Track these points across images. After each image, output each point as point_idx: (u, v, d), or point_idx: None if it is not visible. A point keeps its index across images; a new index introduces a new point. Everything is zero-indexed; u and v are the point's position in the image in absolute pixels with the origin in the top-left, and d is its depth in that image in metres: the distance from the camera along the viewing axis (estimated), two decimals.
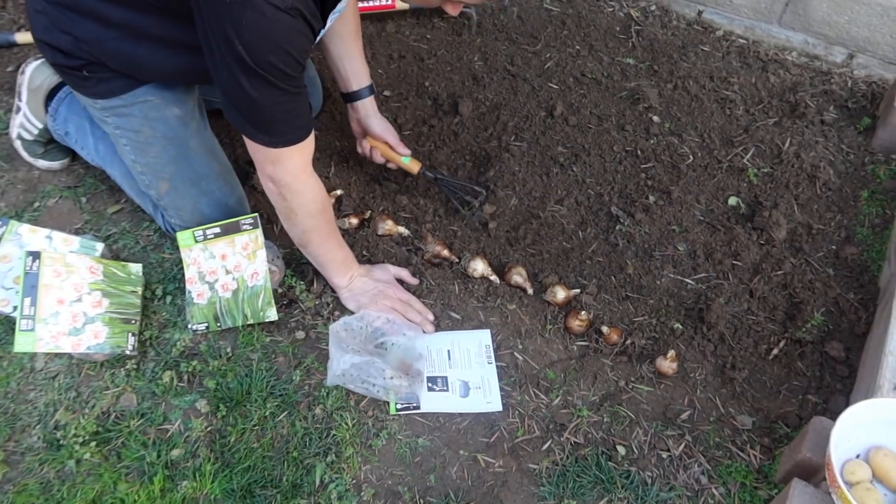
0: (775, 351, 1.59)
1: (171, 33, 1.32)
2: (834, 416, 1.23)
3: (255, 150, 1.34)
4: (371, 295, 1.56)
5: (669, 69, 2.16)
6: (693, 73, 2.14)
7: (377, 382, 1.43)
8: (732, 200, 1.86)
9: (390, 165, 1.80)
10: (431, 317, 1.59)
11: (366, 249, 1.70)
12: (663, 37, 2.25)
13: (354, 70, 1.68)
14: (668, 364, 1.52)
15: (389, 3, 2.20)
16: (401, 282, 1.63)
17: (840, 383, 1.54)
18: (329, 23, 1.29)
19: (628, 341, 1.58)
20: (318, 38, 1.28)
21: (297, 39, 1.18)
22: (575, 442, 1.44)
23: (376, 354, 1.47)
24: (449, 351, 1.55)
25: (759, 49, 2.23)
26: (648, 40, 2.23)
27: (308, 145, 1.36)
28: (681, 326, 1.62)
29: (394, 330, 1.52)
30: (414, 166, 1.77)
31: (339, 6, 1.28)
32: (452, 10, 1.25)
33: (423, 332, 1.56)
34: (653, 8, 2.33)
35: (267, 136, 1.29)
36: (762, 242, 1.76)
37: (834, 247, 1.77)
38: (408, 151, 1.77)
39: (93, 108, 1.51)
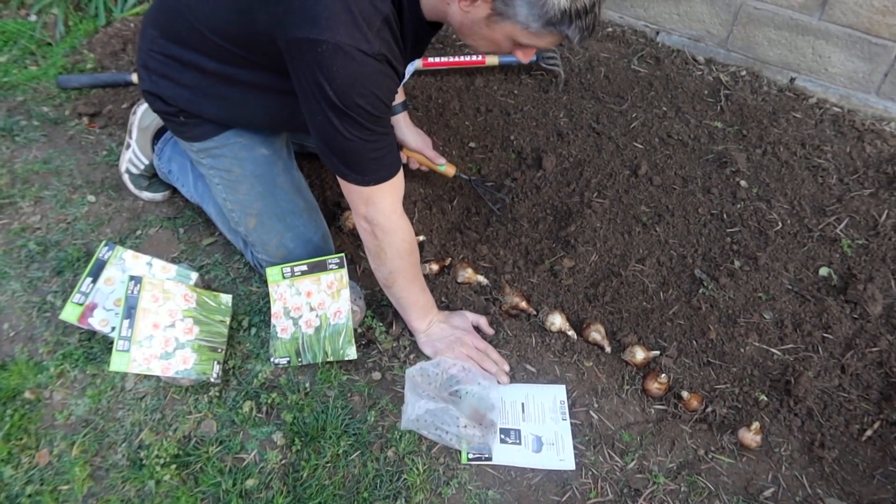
0: (869, 432, 1.50)
1: (261, 80, 1.42)
2: None
3: (350, 190, 1.40)
4: (448, 341, 1.57)
5: (759, 134, 2.13)
6: (784, 139, 2.11)
7: (450, 430, 1.43)
8: (824, 271, 1.79)
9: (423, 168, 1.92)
10: (507, 368, 1.58)
11: (444, 296, 1.72)
12: (753, 102, 2.23)
13: None
14: (751, 436, 1.46)
15: (480, 59, 2.27)
16: (478, 330, 1.64)
17: None
18: (409, 71, 1.38)
19: (709, 409, 1.53)
20: (402, 82, 1.36)
21: (384, 83, 1.27)
22: None
23: (450, 402, 1.47)
24: (523, 404, 1.54)
25: (854, 118, 2.18)
26: (738, 105, 2.22)
27: (398, 185, 1.42)
28: (766, 398, 1.55)
29: (468, 378, 1.51)
30: (450, 171, 1.92)
31: (411, 67, 1.38)
32: (524, 57, 1.31)
33: (498, 382, 1.55)
34: (743, 73, 2.32)
35: (359, 175, 1.36)
36: (855, 317, 1.69)
37: None
38: (443, 160, 1.90)
39: (190, 150, 1.63)
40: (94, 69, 2.32)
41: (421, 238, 1.83)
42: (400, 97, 1.81)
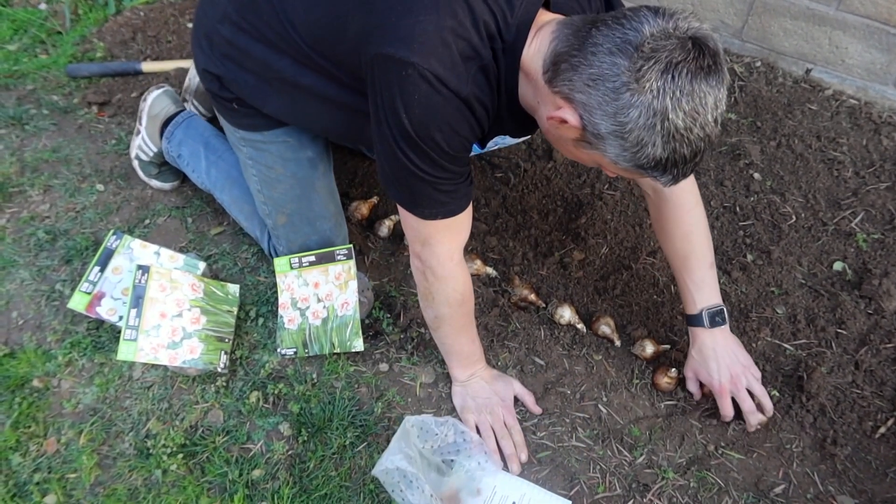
0: (882, 429, 1.48)
1: (335, 94, 1.32)
2: None
3: (408, 225, 1.30)
4: (479, 403, 1.46)
5: (773, 126, 2.10)
6: (799, 131, 2.08)
7: (413, 501, 1.30)
8: (838, 265, 1.77)
9: None
10: (525, 457, 1.43)
11: None
12: (768, 93, 2.19)
13: None
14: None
15: None
16: (517, 403, 1.51)
17: None
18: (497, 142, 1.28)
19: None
20: (484, 149, 1.25)
21: (464, 126, 1.16)
22: None
23: (433, 469, 1.38)
24: (514, 503, 1.38)
25: (871, 111, 2.14)
26: (752, 96, 2.18)
27: (461, 228, 1.31)
28: (777, 393, 1.53)
29: (470, 450, 1.41)
30: None
31: (503, 140, 1.26)
32: (610, 174, 1.21)
33: (505, 468, 1.42)
34: (758, 64, 2.28)
35: (419, 209, 1.25)
36: (870, 312, 1.66)
37: None
38: None
39: (233, 134, 1.56)
40: (104, 58, 2.32)
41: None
42: None
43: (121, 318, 1.57)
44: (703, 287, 1.46)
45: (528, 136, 1.58)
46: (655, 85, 0.97)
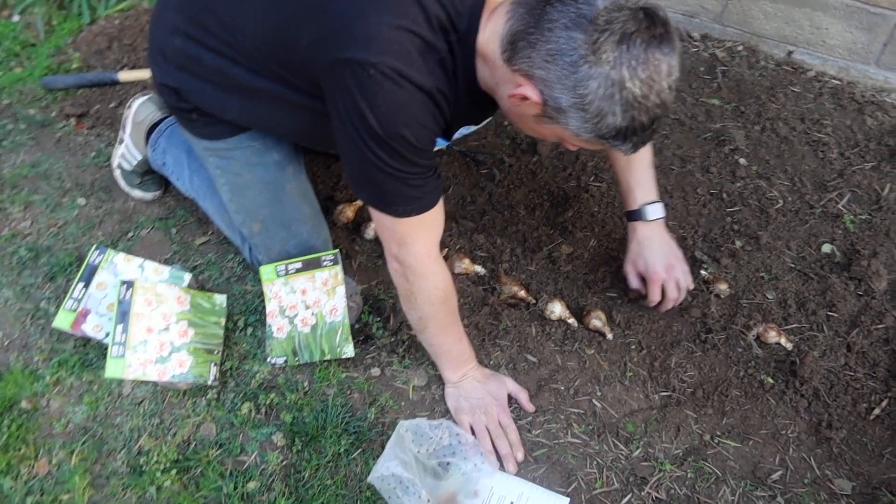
0: (877, 410, 1.48)
1: (293, 98, 1.31)
2: None
3: (382, 226, 1.32)
4: (472, 403, 1.45)
5: (757, 110, 2.09)
6: (782, 114, 2.07)
7: None
8: (826, 248, 1.77)
9: None
10: (521, 456, 1.42)
11: None
12: (750, 77, 2.19)
13: None
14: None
15: None
16: (512, 401, 1.50)
17: None
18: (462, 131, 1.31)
19: (715, 393, 1.51)
20: (451, 141, 1.27)
21: (430, 118, 1.18)
22: (657, 497, 1.38)
23: (429, 474, 1.36)
24: (512, 502, 1.36)
25: (854, 90, 2.14)
26: (735, 81, 2.18)
27: (435, 224, 1.33)
28: (771, 380, 1.53)
29: (465, 452, 1.39)
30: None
31: (466, 129, 1.29)
32: (571, 148, 1.24)
33: (502, 468, 1.41)
34: (739, 48, 2.28)
35: (392, 207, 1.26)
36: (860, 293, 1.66)
37: None
38: None
39: (197, 146, 1.57)
40: (80, 68, 2.29)
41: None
42: None
43: (107, 334, 1.55)
44: (643, 184, 1.56)
45: (489, 119, 1.66)
46: (612, 56, 1.00)
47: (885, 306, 1.64)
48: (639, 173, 1.56)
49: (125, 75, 2.20)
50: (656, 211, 1.56)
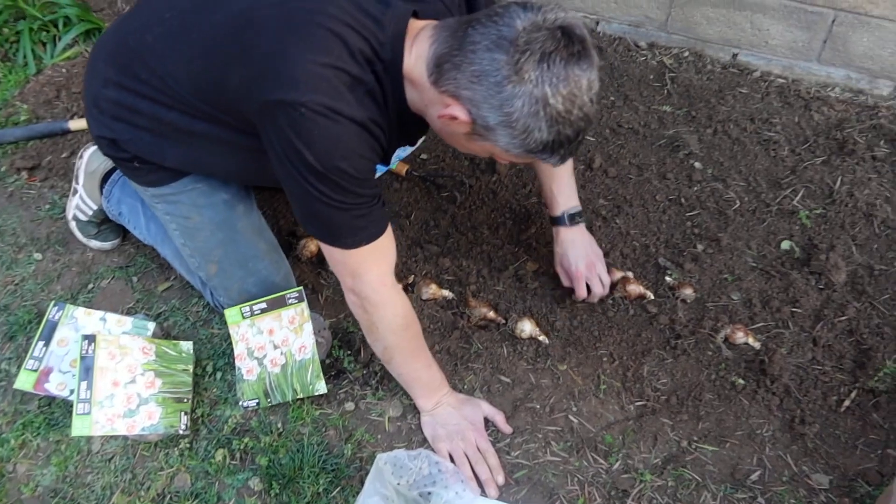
0: (847, 402, 1.50)
1: (230, 137, 1.32)
2: None
3: (334, 261, 1.33)
4: (449, 430, 1.44)
5: (708, 114, 2.13)
6: (732, 116, 2.11)
7: None
8: (785, 245, 1.80)
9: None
10: (502, 479, 1.41)
11: None
12: (699, 82, 2.23)
13: None
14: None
15: None
16: (489, 425, 1.50)
17: None
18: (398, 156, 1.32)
19: (689, 398, 1.52)
20: (388, 167, 1.30)
21: (366, 148, 1.19)
22: None
23: (412, 503, 1.35)
24: None
25: (799, 87, 2.19)
26: (684, 86, 2.22)
27: (386, 252, 1.33)
28: (742, 381, 1.55)
29: (446, 480, 1.36)
30: (401, 168, 1.91)
31: (403, 151, 1.30)
32: (503, 163, 1.26)
33: (483, 493, 1.39)
34: (686, 54, 2.32)
35: (341, 240, 1.27)
36: (821, 287, 1.69)
37: None
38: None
39: (144, 194, 1.55)
40: (29, 120, 2.25)
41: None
42: None
43: (72, 391, 1.51)
44: (565, 192, 1.64)
45: (423, 138, 1.70)
46: (534, 75, 1.04)
47: (846, 298, 1.67)
48: (561, 181, 1.64)
49: (76, 124, 2.17)
50: (577, 216, 1.65)
